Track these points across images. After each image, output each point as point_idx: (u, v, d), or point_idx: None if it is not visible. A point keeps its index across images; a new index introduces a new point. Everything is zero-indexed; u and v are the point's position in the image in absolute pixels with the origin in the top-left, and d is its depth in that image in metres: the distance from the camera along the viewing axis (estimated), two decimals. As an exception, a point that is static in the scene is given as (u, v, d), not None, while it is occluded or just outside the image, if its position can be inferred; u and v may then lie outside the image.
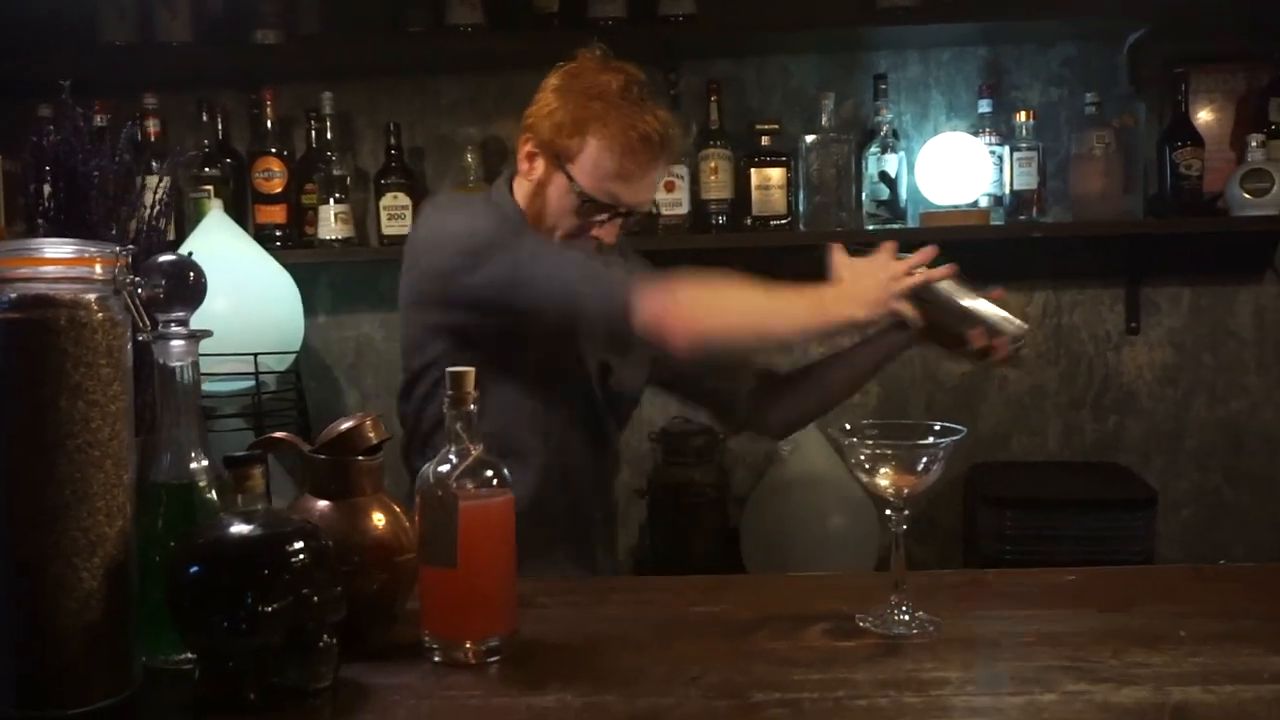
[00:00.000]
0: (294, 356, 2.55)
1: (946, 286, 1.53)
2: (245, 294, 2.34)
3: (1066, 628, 1.11)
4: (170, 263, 1.06)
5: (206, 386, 1.85)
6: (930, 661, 1.05)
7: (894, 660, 1.06)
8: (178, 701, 0.98)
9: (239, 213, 2.70)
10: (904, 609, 1.14)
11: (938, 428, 1.15)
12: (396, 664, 1.06)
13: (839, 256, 1.55)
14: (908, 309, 1.52)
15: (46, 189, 1.11)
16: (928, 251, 1.53)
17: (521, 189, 1.73)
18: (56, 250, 0.95)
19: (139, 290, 1.00)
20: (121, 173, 1.13)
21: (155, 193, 1.19)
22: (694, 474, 2.65)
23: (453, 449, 1.09)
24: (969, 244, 2.70)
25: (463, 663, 1.06)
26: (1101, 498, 2.52)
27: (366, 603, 1.08)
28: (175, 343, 1.07)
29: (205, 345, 1.09)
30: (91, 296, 0.95)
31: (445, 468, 1.08)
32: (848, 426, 1.15)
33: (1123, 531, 2.44)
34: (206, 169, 2.65)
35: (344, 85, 2.77)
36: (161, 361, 1.06)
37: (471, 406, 1.09)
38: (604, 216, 1.68)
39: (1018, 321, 1.54)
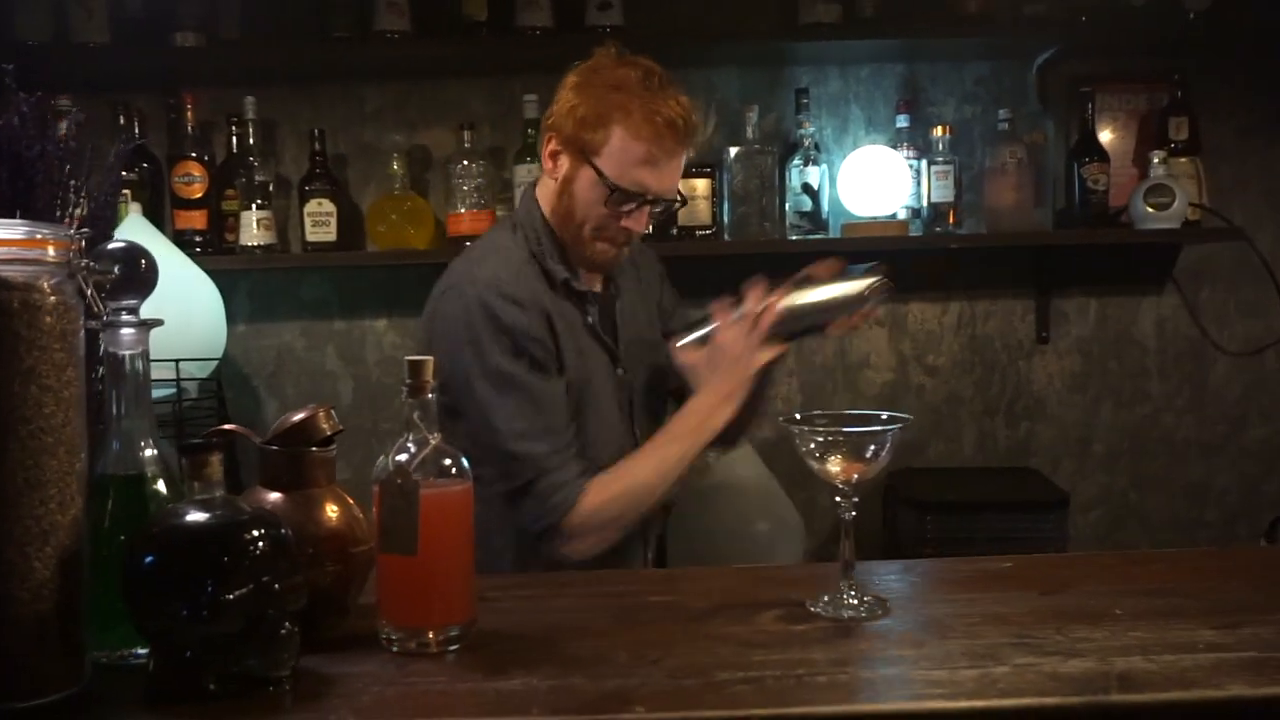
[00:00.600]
0: (215, 364, 2.50)
1: (792, 305, 1.59)
2: (166, 299, 2.21)
3: (1010, 609, 1.15)
4: (122, 249, 1.05)
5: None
6: (883, 641, 1.08)
7: (848, 641, 1.09)
8: (133, 694, 0.96)
9: (156, 218, 2.63)
10: (853, 593, 1.17)
11: (885, 416, 1.18)
12: (353, 654, 1.05)
13: (684, 358, 1.71)
14: (770, 352, 1.62)
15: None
16: (756, 290, 1.65)
17: (546, 189, 1.77)
18: (8, 231, 0.92)
19: (91, 275, 0.98)
20: (68, 159, 1.11)
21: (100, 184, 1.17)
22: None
23: (410, 438, 1.09)
24: (888, 254, 2.78)
25: (422, 651, 1.06)
26: (1016, 500, 2.60)
27: (320, 594, 1.07)
28: (125, 331, 1.05)
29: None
30: (44, 280, 0.93)
31: (404, 456, 1.08)
32: (798, 416, 1.18)
33: (1037, 532, 2.52)
34: (124, 172, 2.58)
35: (267, 90, 2.73)
36: (112, 350, 1.05)
37: (429, 395, 1.09)
38: (632, 206, 1.71)
39: (866, 281, 1.61)
